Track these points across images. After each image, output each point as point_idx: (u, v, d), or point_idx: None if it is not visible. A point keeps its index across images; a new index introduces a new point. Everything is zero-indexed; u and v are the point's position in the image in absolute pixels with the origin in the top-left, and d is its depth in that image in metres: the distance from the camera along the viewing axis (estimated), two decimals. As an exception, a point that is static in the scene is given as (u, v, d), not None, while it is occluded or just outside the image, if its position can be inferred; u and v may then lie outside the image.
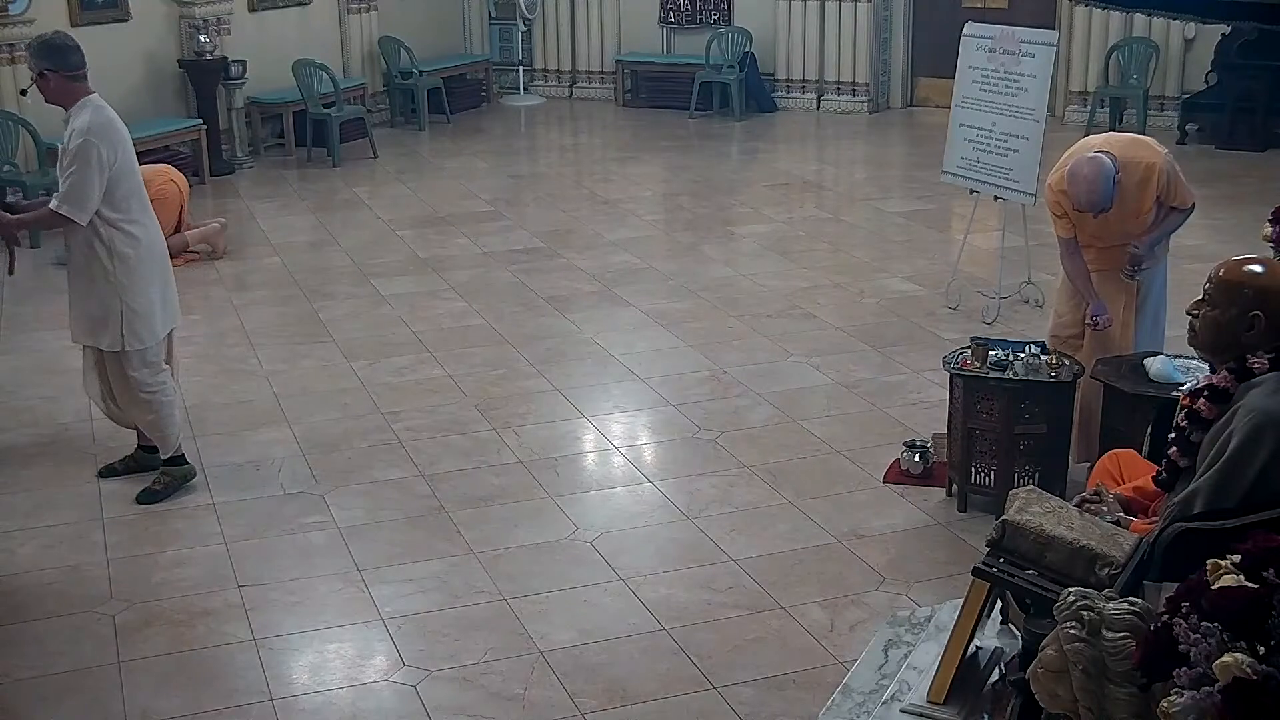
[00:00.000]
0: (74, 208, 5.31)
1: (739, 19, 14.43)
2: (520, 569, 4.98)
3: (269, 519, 5.41)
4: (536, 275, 8.68)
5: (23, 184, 9.72)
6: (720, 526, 5.28)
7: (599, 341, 7.42)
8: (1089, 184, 5.16)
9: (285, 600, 4.80)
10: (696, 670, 4.32)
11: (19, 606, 4.78)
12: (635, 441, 6.18)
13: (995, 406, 5.24)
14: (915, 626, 3.69)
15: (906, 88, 14.41)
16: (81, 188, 5.29)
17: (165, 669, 4.39)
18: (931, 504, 5.46)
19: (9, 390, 6.85)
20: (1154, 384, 4.99)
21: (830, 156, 13.03)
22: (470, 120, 14.39)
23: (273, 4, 12.75)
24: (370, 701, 4.23)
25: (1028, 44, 7.42)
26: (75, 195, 5.30)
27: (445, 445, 6.08)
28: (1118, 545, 3.16)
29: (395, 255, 9.25)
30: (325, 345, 7.44)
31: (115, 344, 5.51)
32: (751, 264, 8.91)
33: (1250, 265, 3.40)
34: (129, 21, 11.23)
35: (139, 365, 5.56)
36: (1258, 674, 2.27)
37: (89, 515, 5.47)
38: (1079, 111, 13.01)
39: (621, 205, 10.62)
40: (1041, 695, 2.76)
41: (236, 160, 11.98)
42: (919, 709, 3.25)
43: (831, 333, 7.50)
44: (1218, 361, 3.44)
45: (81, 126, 5.29)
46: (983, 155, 7.64)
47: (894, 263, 8.87)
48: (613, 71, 15.14)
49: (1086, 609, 2.68)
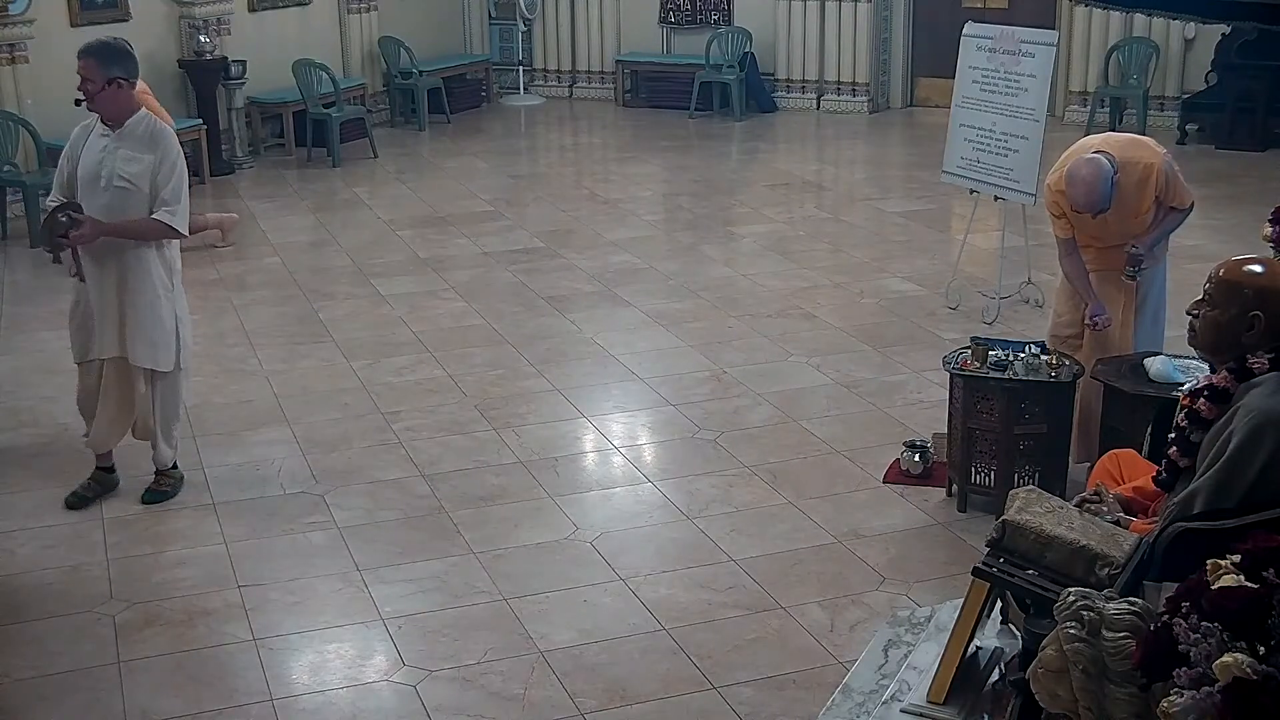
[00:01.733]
0: (181, 220, 5.25)
1: (739, 19, 14.43)
2: (520, 569, 4.98)
3: (269, 519, 5.41)
4: (536, 275, 8.68)
5: (23, 184, 9.73)
6: (720, 526, 5.28)
7: (599, 341, 7.42)
8: (1087, 185, 5.16)
9: (285, 600, 4.80)
10: (696, 670, 4.32)
11: (19, 606, 4.78)
12: (635, 441, 6.18)
13: (995, 406, 5.24)
14: (915, 626, 3.69)
15: (906, 88, 14.41)
16: (184, 199, 5.25)
17: (165, 669, 4.39)
18: (931, 504, 5.46)
19: (9, 390, 6.85)
20: (1154, 384, 4.99)
21: (830, 156, 13.03)
22: (470, 120, 14.39)
23: (273, 4, 12.74)
24: (370, 701, 4.23)
25: (1028, 44, 7.43)
26: (182, 207, 5.23)
27: (445, 445, 6.08)
28: (1118, 545, 3.16)
29: (395, 255, 9.25)
30: (325, 345, 7.44)
31: (171, 363, 5.42)
32: (751, 264, 8.91)
33: (1250, 265, 3.39)
34: (129, 21, 11.21)
35: (184, 380, 5.56)
36: (1258, 674, 2.27)
37: (89, 515, 5.47)
38: (1079, 111, 13.01)
39: (621, 205, 10.62)
40: (1041, 695, 2.76)
41: (236, 160, 11.98)
42: (919, 709, 3.25)
43: (831, 333, 7.50)
44: (1218, 361, 3.44)
45: (167, 138, 5.23)
46: (983, 155, 7.64)
47: (894, 263, 8.87)
48: (613, 71, 15.13)
49: (1086, 609, 2.68)
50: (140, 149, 5.21)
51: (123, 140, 5.21)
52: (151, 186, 5.21)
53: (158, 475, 5.64)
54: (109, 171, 5.19)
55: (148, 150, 5.21)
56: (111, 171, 5.19)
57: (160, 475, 5.64)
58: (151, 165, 5.21)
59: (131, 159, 5.20)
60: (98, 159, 5.22)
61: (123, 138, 5.21)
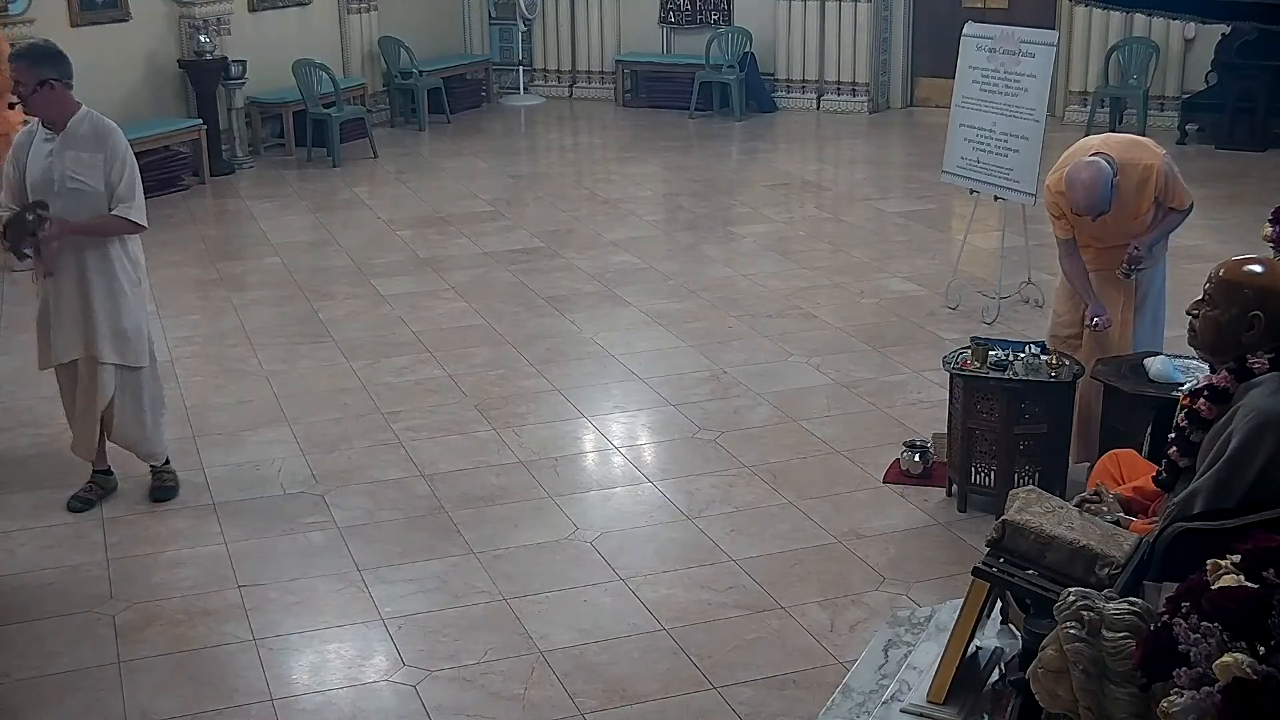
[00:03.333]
0: (140, 213, 5.24)
1: (739, 19, 14.43)
2: (520, 569, 4.98)
3: (269, 519, 5.41)
4: (536, 275, 8.68)
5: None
6: (720, 526, 5.27)
7: (599, 341, 7.42)
8: (1087, 188, 5.16)
9: (285, 600, 4.80)
10: (696, 670, 4.32)
11: (19, 606, 4.78)
12: (635, 441, 6.18)
13: (995, 406, 5.24)
14: (915, 626, 3.69)
15: (906, 88, 14.41)
16: (139, 192, 5.22)
17: (165, 669, 4.39)
18: (931, 504, 5.46)
19: (9, 390, 6.85)
20: (1154, 384, 4.99)
21: (830, 156, 13.03)
22: (470, 120, 14.39)
23: (273, 4, 12.74)
24: (370, 701, 4.23)
25: (1028, 44, 7.42)
26: (139, 200, 5.21)
27: (445, 445, 6.08)
28: (1118, 545, 3.16)
29: (395, 255, 9.25)
30: (325, 345, 7.44)
31: (142, 358, 5.41)
32: (751, 264, 8.91)
33: (1250, 265, 3.39)
34: (129, 21, 11.23)
35: (157, 375, 5.55)
36: (1258, 674, 2.27)
37: (89, 515, 5.46)
38: (1079, 111, 13.01)
39: (621, 205, 10.62)
40: (1041, 695, 2.76)
41: (236, 160, 11.98)
42: (919, 709, 3.25)
43: (831, 333, 7.50)
44: (1218, 361, 3.44)
45: (114, 134, 5.19)
46: (983, 155, 7.64)
47: (894, 263, 8.87)
48: (613, 71, 15.13)
49: (1086, 609, 2.68)
50: (86, 148, 5.16)
51: (67, 142, 5.16)
52: (106, 184, 5.18)
53: (156, 473, 5.63)
54: (60, 174, 5.15)
55: (96, 149, 5.17)
56: (63, 174, 5.15)
57: (158, 472, 5.63)
58: (102, 163, 5.17)
59: (79, 159, 5.15)
60: (45, 164, 5.16)
61: (67, 139, 5.16)
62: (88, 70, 10.86)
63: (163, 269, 8.96)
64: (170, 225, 9.98)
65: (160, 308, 8.14)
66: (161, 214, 10.37)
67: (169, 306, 8.15)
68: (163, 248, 9.45)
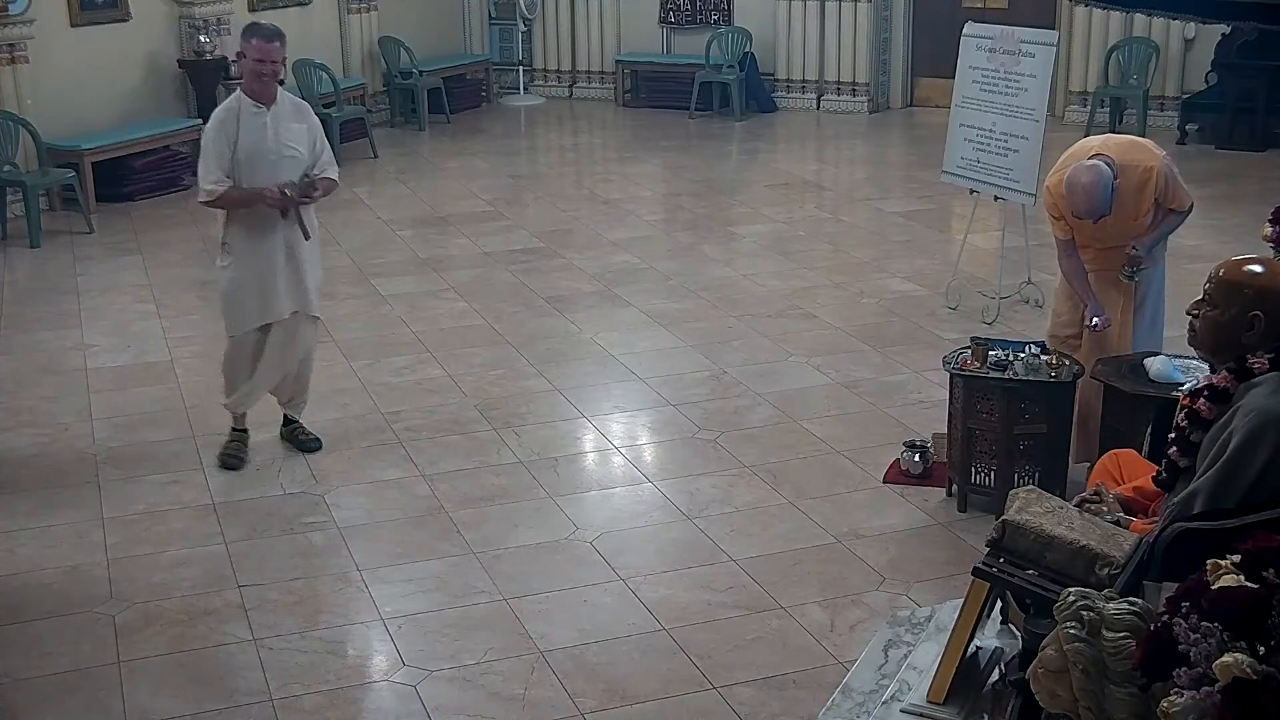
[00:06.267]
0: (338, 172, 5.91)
1: (739, 19, 14.43)
2: (520, 569, 4.98)
3: (269, 519, 5.41)
4: (536, 275, 8.68)
5: (23, 184, 9.72)
6: (720, 526, 5.27)
7: (599, 341, 7.42)
8: (1087, 192, 5.15)
9: (285, 600, 4.80)
10: (696, 670, 4.32)
11: (19, 606, 4.78)
12: (635, 441, 6.18)
13: (995, 406, 5.24)
14: (915, 626, 3.69)
15: (906, 88, 14.41)
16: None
17: (165, 669, 4.39)
18: (931, 504, 5.46)
19: (9, 390, 6.85)
20: (1154, 384, 4.98)
21: (830, 156, 13.03)
22: (470, 120, 14.40)
23: (273, 4, 12.73)
24: (370, 701, 4.23)
25: (1028, 44, 7.42)
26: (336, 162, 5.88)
27: (445, 445, 6.08)
28: (1118, 545, 3.16)
29: (395, 255, 9.25)
30: (325, 345, 7.41)
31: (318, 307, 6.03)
32: (751, 264, 8.91)
33: (1250, 265, 3.39)
34: (129, 21, 11.23)
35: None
36: (1258, 674, 2.27)
37: (89, 515, 5.47)
38: (1079, 111, 13.02)
39: (621, 205, 10.62)
40: (1041, 695, 2.76)
41: (237, 160, 11.96)
42: (919, 709, 3.25)
43: (831, 333, 7.50)
44: (1218, 361, 3.44)
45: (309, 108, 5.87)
46: (983, 155, 7.64)
47: (894, 263, 8.87)
48: (613, 71, 15.14)
49: (1086, 609, 2.68)
50: (295, 119, 5.74)
51: (279, 115, 5.70)
52: (310, 152, 5.75)
53: (300, 426, 6.09)
54: (276, 144, 5.67)
55: (300, 120, 5.76)
56: (279, 144, 5.67)
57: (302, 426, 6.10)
58: (306, 133, 5.76)
59: (291, 130, 5.71)
60: (259, 135, 5.64)
61: (278, 113, 5.69)
62: (88, 70, 10.94)
63: (163, 269, 8.97)
64: (170, 225, 9.98)
65: (160, 308, 8.16)
66: (162, 214, 10.38)
67: (169, 306, 8.16)
68: (163, 248, 9.46)
